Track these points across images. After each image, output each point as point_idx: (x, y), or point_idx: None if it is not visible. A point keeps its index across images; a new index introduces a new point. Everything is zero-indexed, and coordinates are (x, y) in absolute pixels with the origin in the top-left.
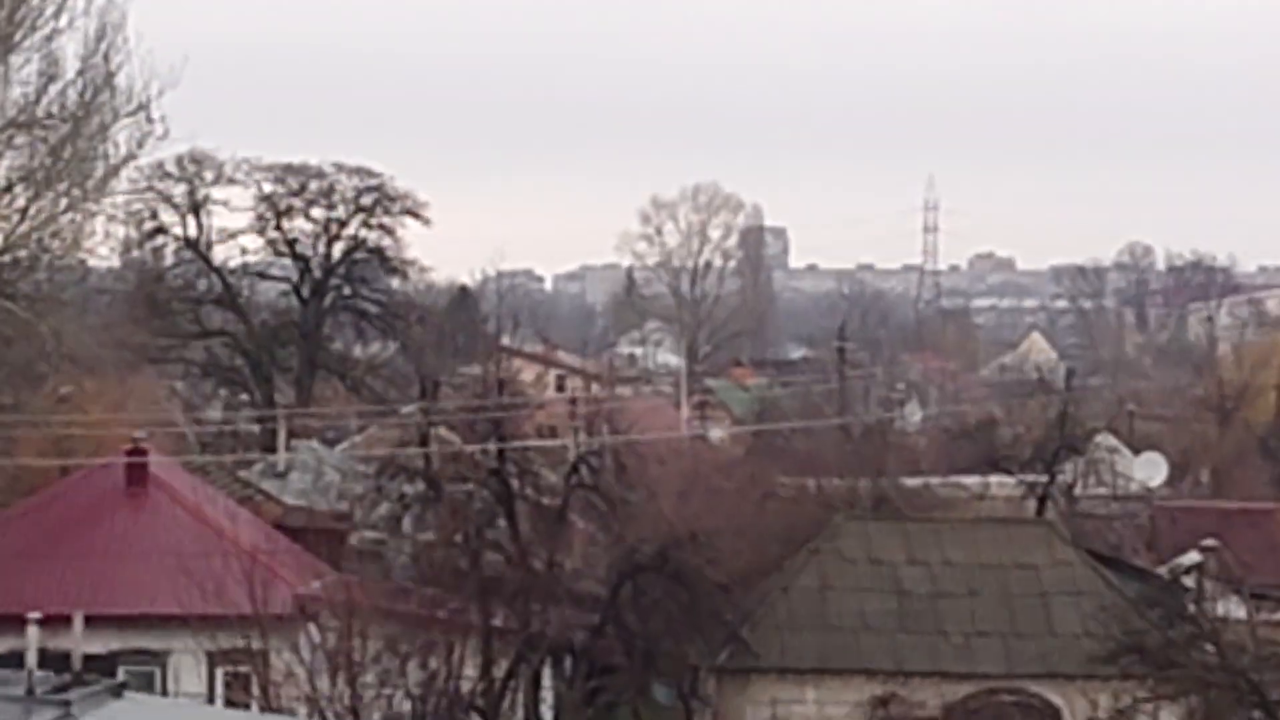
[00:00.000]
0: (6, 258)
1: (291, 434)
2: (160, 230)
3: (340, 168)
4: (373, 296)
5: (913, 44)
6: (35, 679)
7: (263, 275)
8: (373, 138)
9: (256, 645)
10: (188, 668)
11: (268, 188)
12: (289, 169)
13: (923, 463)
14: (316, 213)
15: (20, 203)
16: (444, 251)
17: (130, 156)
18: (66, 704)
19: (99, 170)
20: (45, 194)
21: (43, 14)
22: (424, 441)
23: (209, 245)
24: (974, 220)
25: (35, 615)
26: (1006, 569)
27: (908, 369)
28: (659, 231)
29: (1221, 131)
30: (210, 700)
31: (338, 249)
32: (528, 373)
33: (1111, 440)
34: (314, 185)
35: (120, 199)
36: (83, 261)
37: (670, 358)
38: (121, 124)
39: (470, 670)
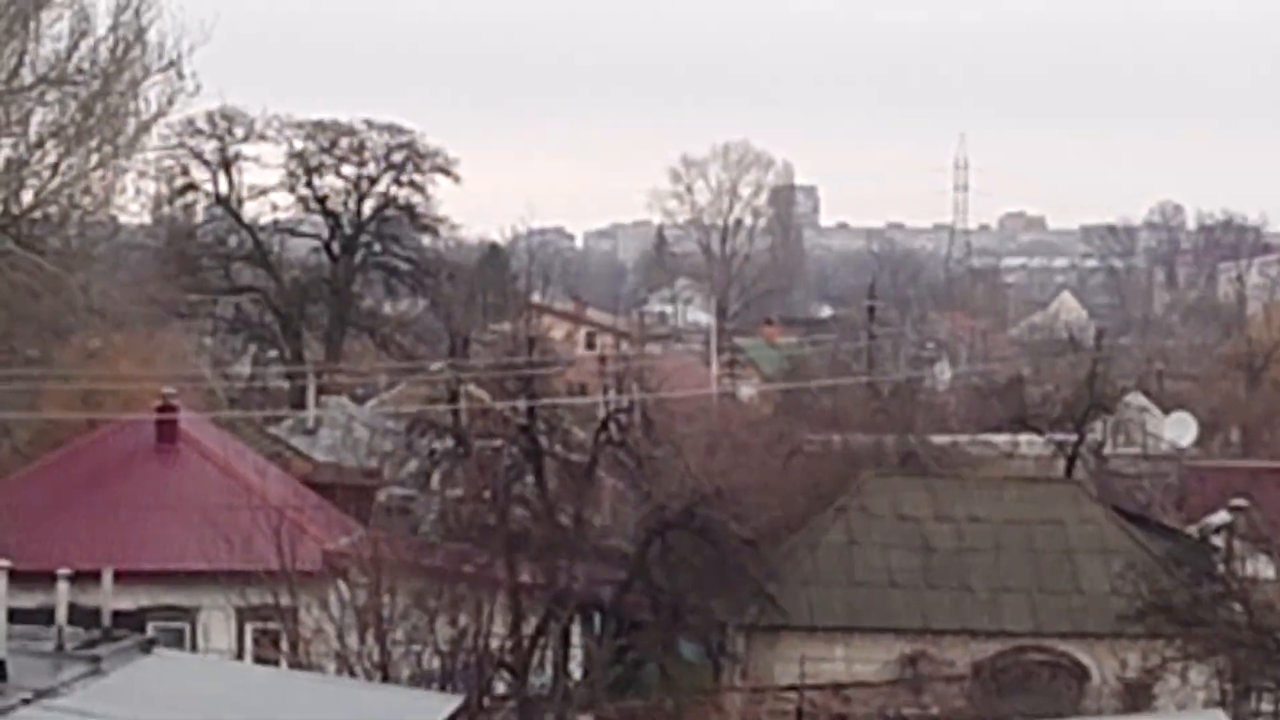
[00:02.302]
0: (37, 213)
1: (321, 390)
2: (191, 187)
3: (371, 125)
4: (403, 253)
5: (944, 1)
6: (65, 635)
7: (293, 232)
8: (403, 94)
9: (285, 601)
10: (217, 624)
11: (298, 144)
12: (320, 126)
13: (952, 421)
14: (347, 170)
15: (51, 159)
16: (475, 209)
17: (161, 113)
18: (96, 660)
19: (130, 127)
20: (76, 150)
21: None
22: (453, 398)
23: (239, 202)
24: (1004, 179)
25: (65, 571)
26: (1033, 526)
27: (937, 328)
28: (689, 189)
29: (1254, 90)
30: (239, 657)
31: (368, 206)
32: (558, 330)
33: (1141, 399)
34: (344, 142)
35: (151, 155)
36: (113, 218)
37: (700, 315)
38: (152, 80)
39: (499, 627)
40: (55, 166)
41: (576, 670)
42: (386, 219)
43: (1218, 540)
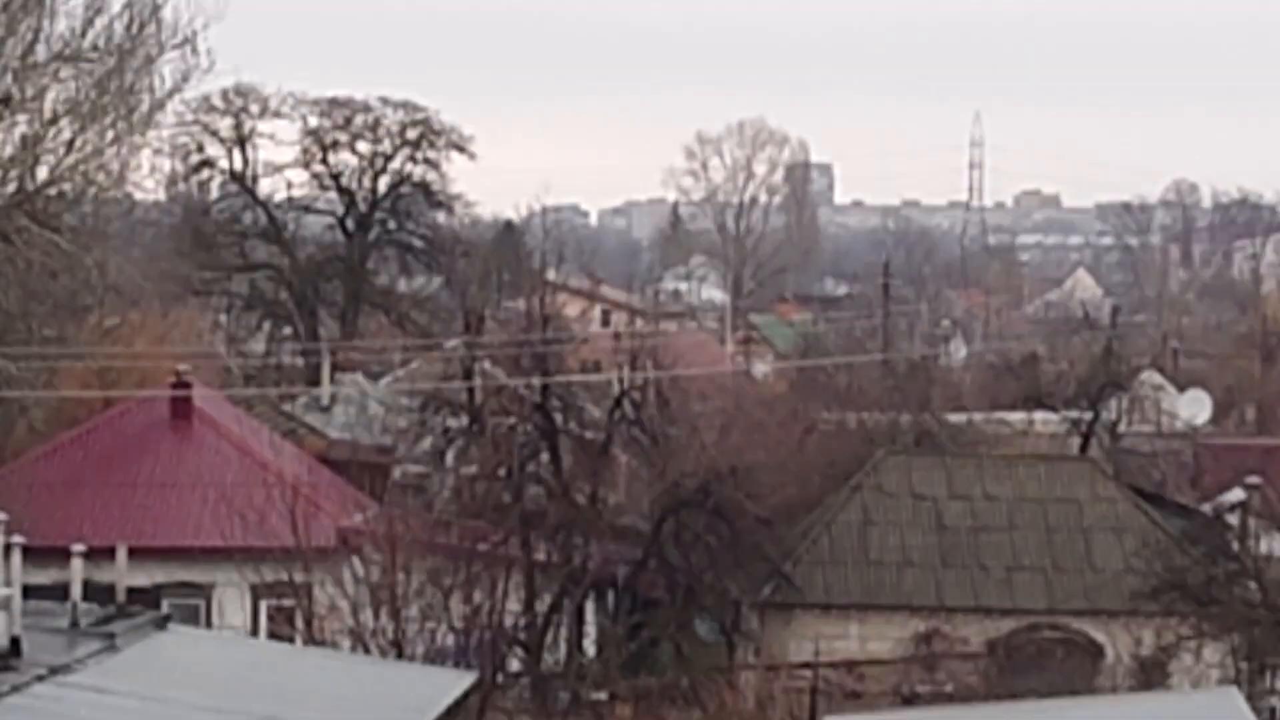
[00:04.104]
0: (52, 190)
1: (335, 367)
2: (206, 164)
3: (386, 102)
4: (418, 231)
5: None
6: (80, 611)
7: (308, 209)
8: (419, 71)
9: (300, 578)
10: (232, 601)
11: (313, 121)
12: (335, 103)
13: (966, 399)
14: (362, 147)
15: (66, 136)
16: (489, 186)
17: (176, 90)
18: (111, 636)
19: (144, 103)
20: (91, 127)
21: None
22: (468, 376)
23: (254, 179)
24: (1020, 157)
25: (79, 547)
26: (1048, 504)
27: (952, 305)
28: (704, 167)
29: (1270, 69)
30: (254, 633)
31: (383, 183)
32: (572, 307)
33: (1156, 377)
34: (360, 119)
35: (166, 132)
36: (128, 195)
37: (715, 293)
38: (167, 57)
39: (513, 604)
40: (70, 143)
41: (591, 648)
42: (401, 196)
43: (1232, 518)
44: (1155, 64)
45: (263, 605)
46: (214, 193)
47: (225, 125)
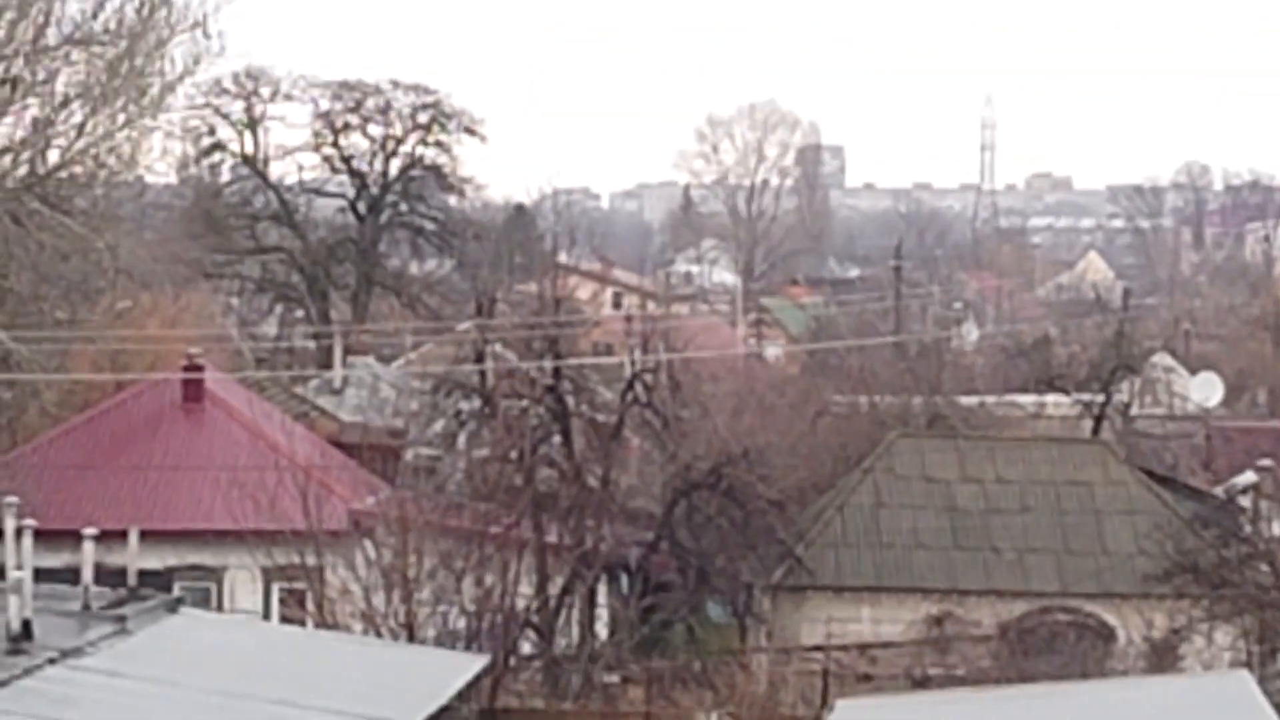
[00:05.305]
0: (64, 174)
1: (347, 350)
2: (217, 147)
3: (397, 85)
4: (429, 213)
5: None
6: (91, 594)
7: (319, 192)
8: (430, 54)
9: (311, 561)
10: (243, 584)
11: (325, 105)
12: (346, 86)
13: (978, 382)
14: (373, 130)
15: (77, 119)
16: (501, 169)
17: (187, 73)
18: (122, 619)
19: (156, 87)
20: (102, 110)
21: None
22: (480, 358)
23: (266, 162)
24: (1031, 139)
25: (91, 531)
26: (1060, 487)
27: (964, 288)
28: (716, 149)
29: None
30: (265, 616)
31: (394, 166)
32: (584, 290)
33: (1168, 360)
34: (371, 102)
35: (177, 115)
36: (140, 178)
37: (726, 276)
38: (178, 40)
39: (525, 587)
40: (81, 127)
41: (603, 631)
42: (413, 179)
43: (1244, 501)
44: (1166, 46)
45: (274, 588)
46: (225, 176)
47: (236, 108)
